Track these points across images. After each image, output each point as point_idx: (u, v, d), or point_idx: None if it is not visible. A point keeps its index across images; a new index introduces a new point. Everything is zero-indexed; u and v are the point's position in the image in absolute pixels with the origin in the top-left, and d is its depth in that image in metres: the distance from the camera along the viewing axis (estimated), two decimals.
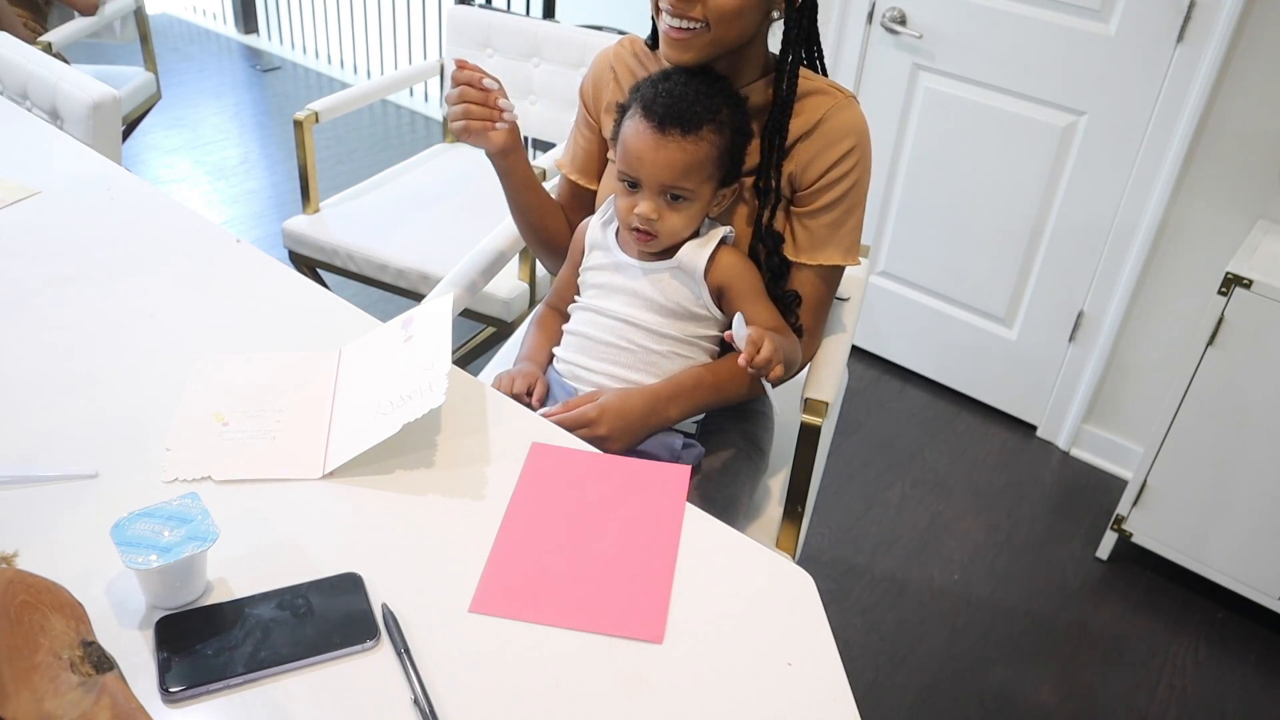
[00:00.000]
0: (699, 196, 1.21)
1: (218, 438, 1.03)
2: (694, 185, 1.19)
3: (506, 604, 0.88)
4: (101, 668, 0.68)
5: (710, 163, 1.19)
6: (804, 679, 0.84)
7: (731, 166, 1.22)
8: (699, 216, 1.24)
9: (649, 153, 1.18)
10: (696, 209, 1.22)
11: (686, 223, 1.22)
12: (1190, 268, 2.15)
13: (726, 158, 1.21)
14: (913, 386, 2.69)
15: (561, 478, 1.04)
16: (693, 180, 1.19)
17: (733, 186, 1.25)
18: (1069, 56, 2.15)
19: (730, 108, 1.20)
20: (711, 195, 1.23)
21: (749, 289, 1.26)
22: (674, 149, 1.17)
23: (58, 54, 2.54)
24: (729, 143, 1.20)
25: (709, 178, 1.20)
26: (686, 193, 1.20)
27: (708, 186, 1.21)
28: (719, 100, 1.19)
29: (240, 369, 1.14)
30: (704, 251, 1.24)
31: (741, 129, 1.22)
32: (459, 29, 2.46)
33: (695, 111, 1.17)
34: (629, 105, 1.23)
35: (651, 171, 1.19)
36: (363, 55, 4.19)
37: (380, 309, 1.28)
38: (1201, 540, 2.01)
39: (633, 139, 1.20)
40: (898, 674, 1.87)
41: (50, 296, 1.24)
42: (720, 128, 1.19)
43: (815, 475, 1.39)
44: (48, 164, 1.56)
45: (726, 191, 1.25)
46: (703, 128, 1.17)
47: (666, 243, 1.24)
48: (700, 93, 1.18)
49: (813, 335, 1.33)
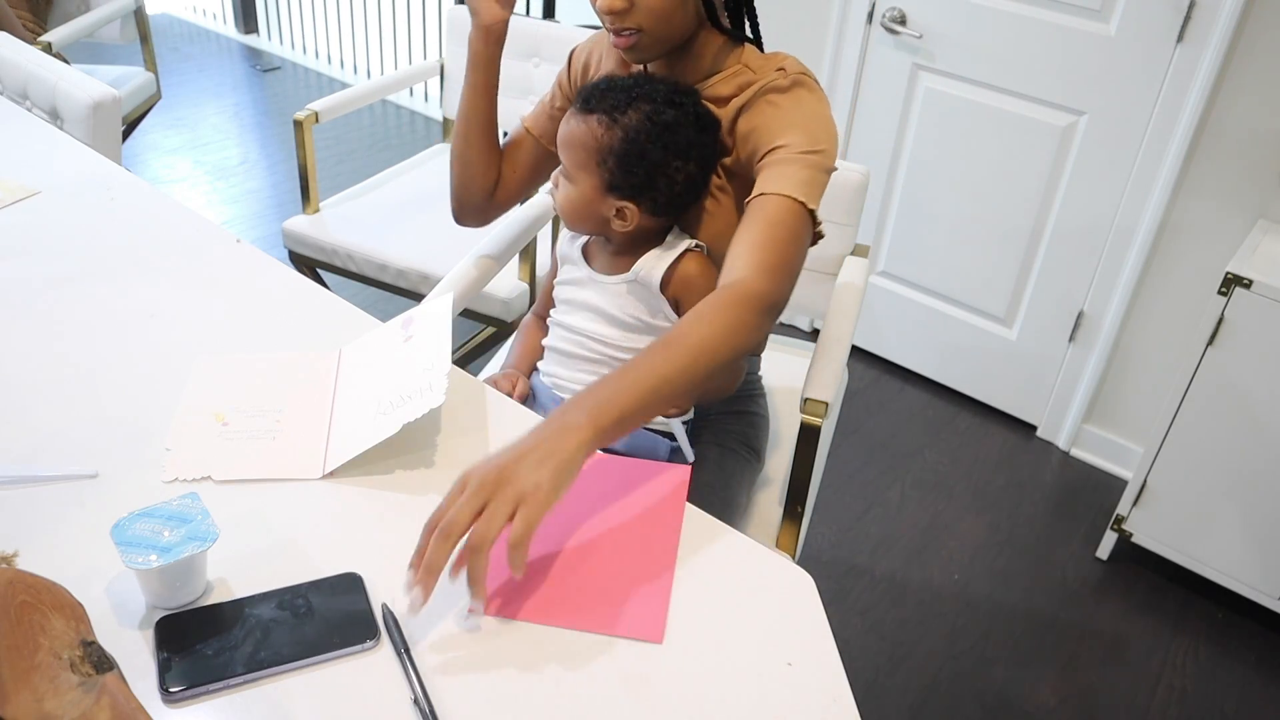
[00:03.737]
0: (578, 181, 1.21)
1: (218, 437, 1.03)
2: (571, 165, 1.21)
3: (506, 604, 0.88)
4: (101, 668, 0.68)
5: (583, 149, 1.18)
6: (804, 679, 0.84)
7: (618, 172, 1.18)
8: (582, 201, 1.22)
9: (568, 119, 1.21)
10: (578, 193, 1.21)
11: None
12: (1190, 268, 2.15)
13: (610, 159, 1.17)
14: (913, 386, 2.69)
15: None
16: (571, 158, 1.20)
17: (625, 202, 1.19)
18: (1069, 56, 2.15)
19: (647, 118, 1.15)
20: (594, 192, 1.20)
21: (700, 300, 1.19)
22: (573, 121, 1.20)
23: (58, 54, 2.54)
24: (615, 145, 1.17)
25: (583, 165, 1.20)
26: (567, 171, 1.22)
27: (585, 176, 1.20)
28: (642, 106, 1.16)
29: (240, 369, 1.14)
30: (662, 264, 1.21)
31: (643, 144, 1.16)
32: (459, 29, 2.46)
33: (602, 99, 1.17)
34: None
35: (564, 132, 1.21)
36: (363, 55, 4.19)
37: (380, 309, 1.28)
38: (1201, 540, 2.01)
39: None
40: (898, 674, 1.87)
41: (50, 296, 1.24)
42: (612, 125, 1.17)
43: (815, 475, 1.39)
44: (48, 164, 1.56)
45: (620, 204, 1.20)
46: (595, 113, 1.17)
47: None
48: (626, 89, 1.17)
49: (767, 272, 1.06)
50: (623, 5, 1.12)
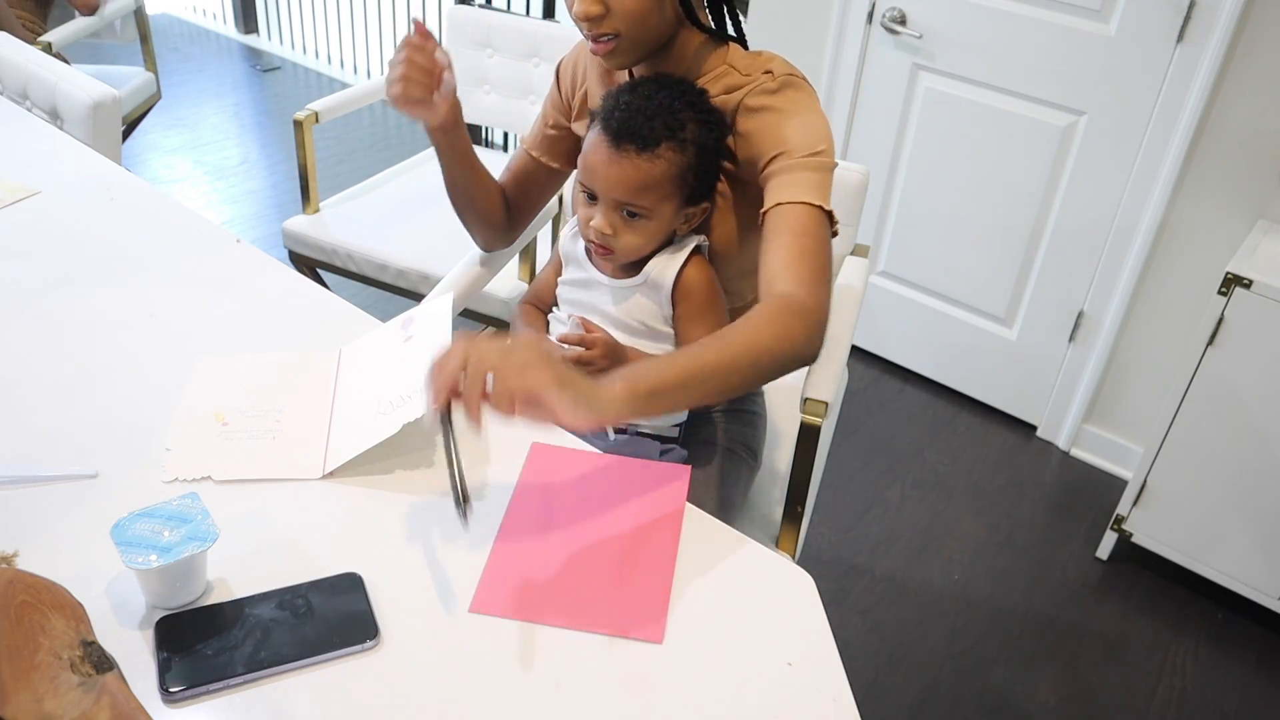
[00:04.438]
0: (657, 215, 1.16)
1: (218, 437, 1.03)
2: (650, 204, 1.14)
3: (506, 604, 0.89)
4: (101, 668, 0.68)
5: (668, 181, 1.14)
6: (804, 679, 0.84)
7: (698, 184, 1.17)
8: (660, 234, 1.19)
9: (602, 167, 1.14)
10: (655, 227, 1.17)
11: (644, 240, 1.18)
12: (1190, 268, 2.15)
13: (690, 175, 1.15)
14: (913, 386, 2.69)
15: (562, 478, 1.04)
16: (648, 199, 1.14)
17: (702, 205, 1.20)
18: (1069, 56, 2.15)
19: (699, 124, 1.14)
20: (674, 214, 1.18)
21: (698, 306, 1.21)
22: (627, 166, 1.12)
23: (58, 54, 2.54)
24: (693, 160, 1.15)
25: (667, 196, 1.15)
26: (643, 210, 1.15)
27: (667, 205, 1.16)
28: (686, 115, 1.13)
29: (240, 369, 1.14)
30: (674, 265, 1.20)
31: (710, 146, 1.16)
32: (459, 29, 2.46)
33: (653, 128, 1.12)
34: (595, 115, 1.18)
35: (605, 186, 1.15)
36: (363, 55, 4.19)
37: (380, 309, 1.28)
38: (1201, 540, 2.01)
39: (590, 151, 1.16)
40: (898, 674, 1.87)
41: (50, 296, 1.24)
42: (682, 145, 1.13)
43: (815, 475, 1.39)
44: (48, 164, 1.56)
45: (694, 210, 1.20)
46: (660, 145, 1.12)
47: (624, 259, 1.20)
48: (663, 107, 1.13)
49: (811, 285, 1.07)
50: (598, 10, 1.10)
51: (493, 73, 2.47)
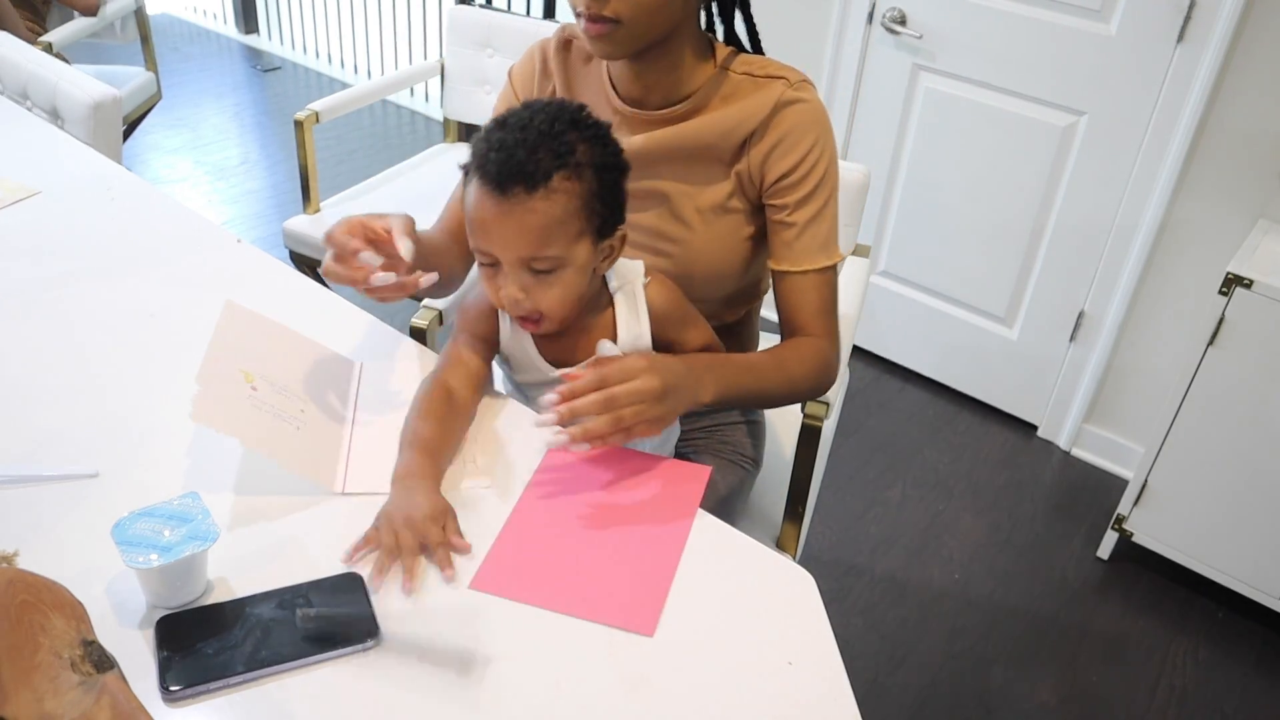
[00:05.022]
0: (571, 261, 0.99)
1: (246, 401, 0.99)
2: (559, 250, 0.98)
3: (506, 584, 0.89)
4: (102, 667, 0.68)
5: (572, 218, 0.97)
6: (804, 679, 0.84)
7: (606, 212, 1.01)
8: (581, 282, 1.02)
9: (494, 223, 0.97)
10: (572, 276, 1.01)
11: (565, 293, 1.01)
12: (1190, 268, 2.15)
13: (596, 203, 0.99)
14: (913, 386, 2.69)
15: (580, 467, 1.04)
16: (556, 245, 0.98)
17: (619, 234, 1.04)
18: (1069, 56, 2.15)
19: (589, 142, 0.99)
20: (590, 253, 1.01)
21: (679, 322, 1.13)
22: (521, 213, 0.95)
23: (58, 54, 2.54)
24: (594, 185, 0.98)
25: (577, 235, 0.99)
26: (553, 262, 0.99)
27: (580, 246, 1.00)
28: (570, 137, 0.97)
29: (267, 333, 1.11)
30: (642, 326, 1.09)
31: (610, 164, 1.01)
32: (459, 29, 2.46)
33: (538, 160, 0.95)
34: (467, 167, 1.01)
35: (503, 245, 0.98)
36: (363, 55, 4.19)
37: (380, 309, 1.28)
38: (1202, 540, 2.01)
39: (474, 209, 0.98)
40: (898, 674, 1.86)
41: (50, 296, 1.24)
42: (578, 170, 0.97)
43: (816, 475, 1.39)
44: (48, 164, 1.56)
45: (613, 241, 1.04)
46: (552, 177, 0.95)
47: (558, 321, 1.04)
48: (543, 134, 0.96)
49: (829, 337, 1.18)
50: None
51: (493, 73, 2.47)
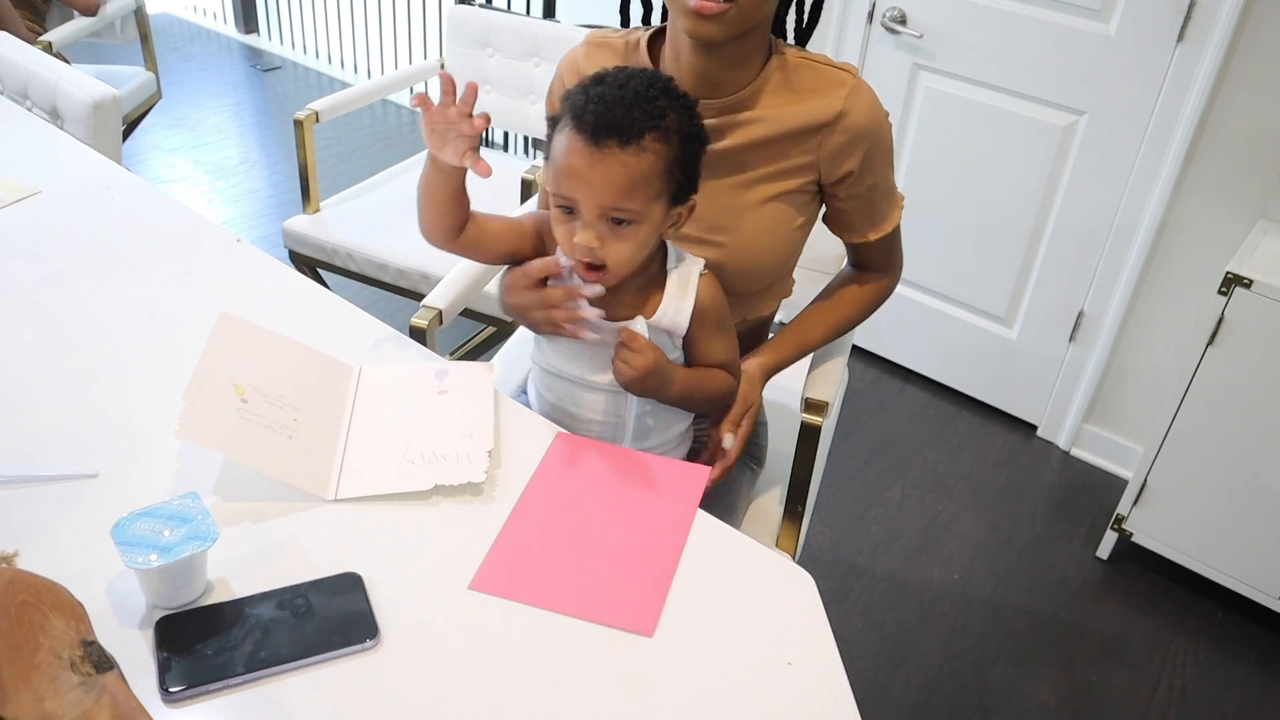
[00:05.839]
0: (647, 218, 1.03)
1: (235, 413, 0.99)
2: (639, 205, 1.02)
3: (505, 584, 0.89)
4: (101, 667, 0.68)
5: (657, 177, 1.02)
6: (804, 679, 0.84)
7: (685, 180, 1.06)
8: (650, 241, 1.07)
9: (583, 171, 1.01)
10: (645, 232, 1.05)
11: (635, 249, 1.05)
12: (1190, 268, 2.15)
13: (677, 169, 1.04)
14: (913, 386, 2.69)
15: (581, 467, 1.04)
16: (637, 199, 1.02)
17: (689, 203, 1.08)
18: (1069, 56, 2.15)
19: (677, 111, 1.03)
20: (663, 215, 1.06)
21: (714, 325, 1.14)
22: (612, 164, 1.00)
23: (58, 54, 2.54)
24: (678, 152, 1.03)
25: (656, 195, 1.03)
26: (631, 215, 1.02)
27: (656, 206, 1.04)
28: (663, 103, 1.02)
29: (262, 344, 1.10)
30: (686, 304, 1.11)
31: (694, 134, 1.05)
32: (459, 29, 2.46)
33: (634, 118, 1.00)
34: (559, 116, 1.05)
35: (588, 192, 1.01)
36: (363, 55, 4.19)
37: (380, 309, 1.27)
38: (1202, 540, 2.01)
39: (563, 156, 1.02)
40: (898, 674, 1.87)
41: (50, 296, 1.24)
42: (666, 135, 1.02)
43: (815, 475, 1.39)
44: (48, 164, 1.56)
45: (682, 209, 1.08)
46: (644, 136, 1.00)
47: (617, 274, 1.07)
48: (639, 95, 1.01)
49: (894, 270, 1.47)
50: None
51: (493, 73, 2.47)
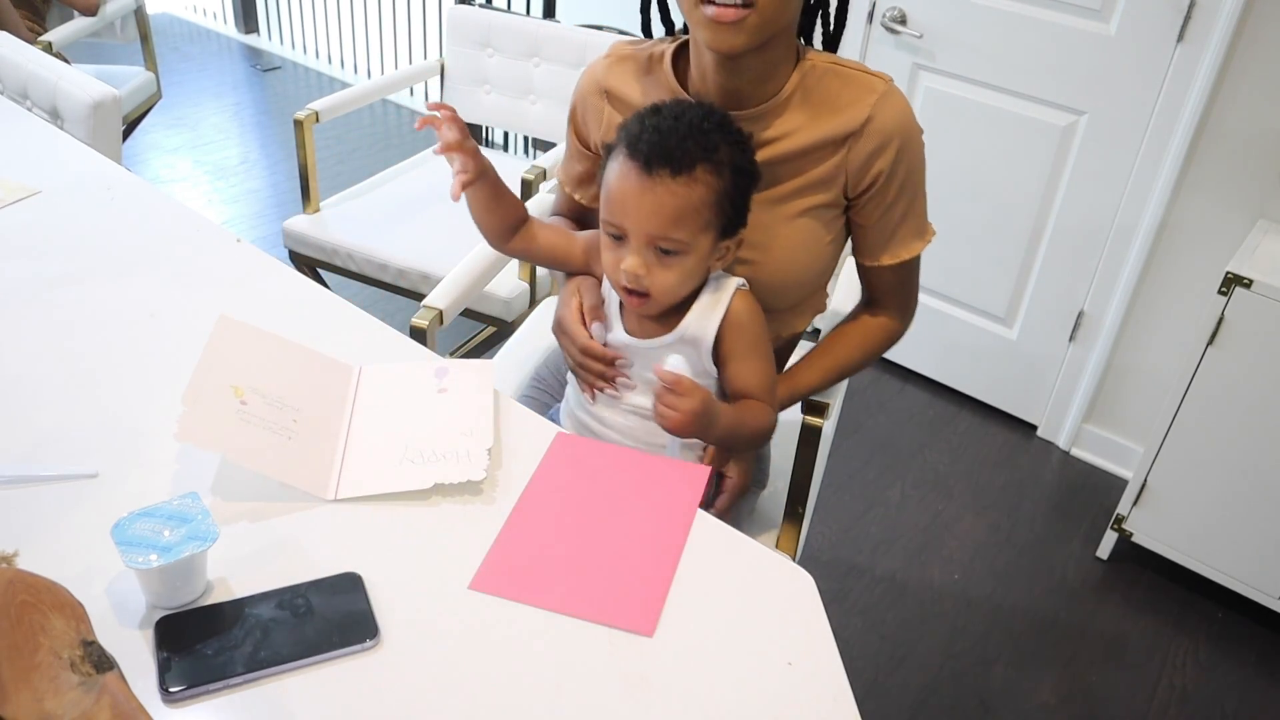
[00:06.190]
0: (694, 249, 1.06)
1: (235, 415, 0.99)
2: (687, 236, 1.05)
3: (505, 584, 0.89)
4: (101, 667, 0.68)
5: (706, 209, 1.05)
6: (804, 679, 0.84)
7: (734, 214, 1.08)
8: (696, 274, 1.10)
9: (633, 198, 1.04)
10: (692, 264, 1.07)
11: (680, 280, 1.08)
12: (1190, 268, 2.15)
13: (727, 202, 1.06)
14: (913, 386, 2.69)
15: (581, 467, 1.04)
16: (685, 230, 1.04)
17: (737, 238, 1.11)
18: (1069, 56, 2.15)
19: (730, 145, 1.06)
20: (710, 248, 1.08)
21: (749, 345, 1.14)
22: (662, 193, 1.03)
23: (58, 54, 2.54)
24: (729, 185, 1.06)
25: (705, 227, 1.06)
26: (679, 245, 1.05)
27: (704, 238, 1.06)
28: (717, 137, 1.05)
29: (260, 346, 1.10)
30: (713, 319, 1.12)
31: (745, 169, 1.07)
32: (459, 29, 2.46)
33: (686, 149, 1.03)
34: (614, 145, 1.09)
35: (637, 220, 1.05)
36: (363, 55, 4.19)
37: (380, 309, 1.27)
38: (1202, 540, 2.01)
39: (616, 182, 1.06)
40: (898, 674, 1.87)
41: (50, 296, 1.24)
42: (718, 168, 1.04)
43: (816, 476, 1.39)
44: (48, 164, 1.56)
45: (730, 243, 1.10)
46: (696, 168, 1.03)
47: (660, 304, 1.10)
48: (693, 128, 1.04)
49: (906, 313, 1.30)
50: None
51: (493, 73, 2.47)
